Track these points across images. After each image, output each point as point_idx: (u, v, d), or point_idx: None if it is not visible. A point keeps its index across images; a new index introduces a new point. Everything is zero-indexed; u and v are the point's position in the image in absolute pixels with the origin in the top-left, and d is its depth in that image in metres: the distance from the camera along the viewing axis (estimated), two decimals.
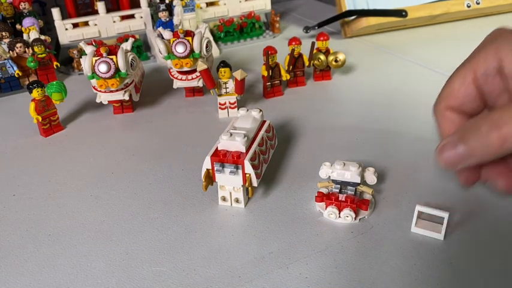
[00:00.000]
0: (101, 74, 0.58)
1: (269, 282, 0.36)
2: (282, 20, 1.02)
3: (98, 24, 0.84)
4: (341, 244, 0.40)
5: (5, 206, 0.47)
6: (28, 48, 0.73)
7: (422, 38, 0.88)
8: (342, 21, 0.91)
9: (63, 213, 0.46)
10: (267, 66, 0.65)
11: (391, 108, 0.63)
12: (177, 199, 0.47)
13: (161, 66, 0.82)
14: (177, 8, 0.81)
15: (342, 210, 0.42)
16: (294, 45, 0.67)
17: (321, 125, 0.60)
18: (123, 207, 0.46)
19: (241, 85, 0.61)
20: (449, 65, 0.74)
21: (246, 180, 0.43)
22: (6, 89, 0.74)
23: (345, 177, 0.42)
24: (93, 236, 0.42)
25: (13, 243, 0.42)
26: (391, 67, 0.77)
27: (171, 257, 0.39)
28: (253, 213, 0.44)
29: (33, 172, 0.53)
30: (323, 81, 0.72)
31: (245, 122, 0.47)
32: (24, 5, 0.81)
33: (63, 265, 0.39)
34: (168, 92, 0.71)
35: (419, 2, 0.90)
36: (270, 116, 0.61)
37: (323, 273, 0.37)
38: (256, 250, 0.39)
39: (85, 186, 0.50)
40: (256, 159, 0.44)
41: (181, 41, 0.62)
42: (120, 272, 0.38)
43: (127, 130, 0.62)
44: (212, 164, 0.43)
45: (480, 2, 0.93)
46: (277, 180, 0.49)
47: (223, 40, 0.91)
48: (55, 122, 0.62)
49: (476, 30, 0.90)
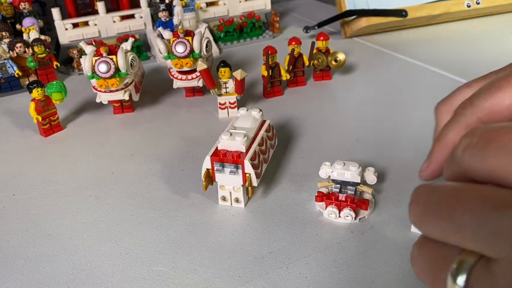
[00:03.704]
0: (101, 74, 0.58)
1: (269, 282, 0.36)
2: (282, 20, 1.02)
3: (98, 24, 0.84)
4: (341, 244, 0.40)
5: (5, 206, 0.48)
6: (28, 48, 0.73)
7: (422, 38, 0.88)
8: (342, 21, 0.91)
9: (63, 213, 0.46)
10: (267, 66, 0.65)
11: (391, 108, 0.63)
12: (177, 199, 0.47)
13: (161, 66, 0.82)
14: (177, 8, 0.81)
15: (342, 210, 0.42)
16: (294, 45, 0.67)
17: (321, 125, 0.60)
18: (123, 207, 0.46)
19: (241, 85, 0.61)
20: (449, 65, 0.74)
21: (246, 179, 0.43)
22: (6, 89, 0.74)
23: (345, 177, 0.42)
24: (93, 236, 0.42)
25: (13, 243, 0.42)
26: (391, 67, 0.77)
27: (171, 256, 0.39)
28: (253, 213, 0.44)
29: (33, 172, 0.53)
30: (323, 81, 0.72)
31: (245, 121, 0.47)
32: (24, 5, 0.81)
33: (63, 265, 0.39)
34: (168, 92, 0.71)
35: (419, 2, 0.90)
36: (270, 116, 0.61)
37: (323, 272, 0.37)
38: (256, 250, 0.39)
39: (85, 186, 0.50)
40: (256, 159, 0.44)
41: (181, 40, 0.62)
42: (120, 272, 0.38)
43: (127, 130, 0.62)
44: (212, 164, 0.43)
45: (480, 2, 0.93)
46: (277, 180, 0.49)
47: (223, 40, 0.91)
48: (55, 122, 0.62)
49: (476, 30, 0.90)
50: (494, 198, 0.17)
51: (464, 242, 0.17)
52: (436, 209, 0.18)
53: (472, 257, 0.17)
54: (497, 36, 0.86)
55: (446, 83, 0.68)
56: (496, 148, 0.18)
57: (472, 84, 0.28)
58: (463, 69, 0.72)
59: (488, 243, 0.16)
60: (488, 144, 0.18)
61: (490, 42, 0.84)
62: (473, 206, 0.17)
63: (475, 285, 0.17)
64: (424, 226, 0.19)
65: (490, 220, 0.16)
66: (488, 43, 0.83)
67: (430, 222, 0.19)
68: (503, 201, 0.16)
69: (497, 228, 0.16)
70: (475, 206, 0.17)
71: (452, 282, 0.18)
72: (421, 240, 0.20)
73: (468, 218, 0.17)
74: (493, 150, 0.18)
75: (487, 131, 0.19)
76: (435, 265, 0.19)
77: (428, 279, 0.19)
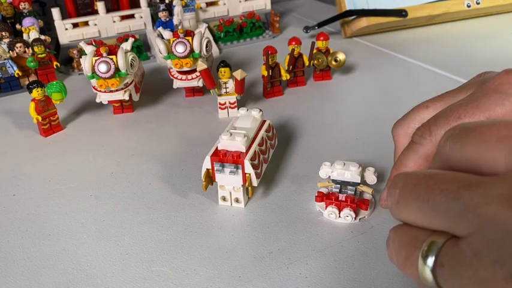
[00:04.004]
0: (100, 74, 0.58)
1: (269, 282, 0.36)
2: (282, 20, 1.02)
3: (98, 24, 0.84)
4: (341, 244, 0.40)
5: (5, 206, 0.47)
6: (28, 48, 0.73)
7: (422, 38, 0.88)
8: (342, 21, 0.91)
9: (63, 213, 0.46)
10: (267, 66, 0.65)
11: (391, 108, 0.63)
12: (177, 199, 0.47)
13: (161, 66, 0.82)
14: (177, 8, 0.81)
15: (342, 210, 0.42)
16: (294, 45, 0.67)
17: (321, 125, 0.60)
18: (123, 207, 0.46)
19: (241, 85, 0.61)
20: (449, 65, 0.74)
21: (246, 180, 0.43)
22: (6, 89, 0.74)
23: (345, 177, 0.42)
24: (93, 236, 0.42)
25: (13, 243, 0.42)
26: (391, 67, 0.77)
27: (171, 257, 0.39)
28: (253, 213, 0.44)
29: (33, 172, 0.53)
30: (323, 81, 0.72)
31: (245, 121, 0.47)
32: (24, 5, 0.81)
33: (63, 265, 0.39)
34: (168, 92, 0.71)
35: (419, 2, 0.90)
36: (270, 116, 0.61)
37: (323, 273, 0.37)
38: (256, 250, 0.39)
39: (85, 186, 0.50)
40: (256, 159, 0.44)
41: (181, 41, 0.62)
42: (120, 272, 0.38)
43: (127, 130, 0.62)
44: (212, 164, 0.43)
45: (480, 2, 0.93)
46: (277, 180, 0.49)
47: (223, 40, 0.91)
48: (55, 122, 0.62)
49: (476, 30, 0.90)
50: (467, 179, 0.18)
51: (437, 221, 0.19)
52: (413, 190, 0.20)
53: (442, 237, 0.19)
54: (497, 36, 0.86)
55: (446, 83, 0.68)
56: (474, 136, 0.19)
57: (428, 104, 0.29)
58: (463, 69, 0.72)
59: (460, 220, 0.18)
60: (468, 134, 0.20)
61: (490, 42, 0.84)
62: (447, 186, 0.18)
63: (444, 262, 0.18)
64: (401, 209, 0.20)
65: (462, 198, 0.18)
66: (488, 43, 0.83)
67: (407, 203, 0.20)
68: (475, 181, 0.18)
69: (468, 205, 0.17)
70: (449, 186, 0.18)
71: (422, 262, 0.19)
72: (397, 225, 0.22)
73: (442, 197, 0.18)
74: (471, 138, 0.19)
75: (469, 123, 0.20)
76: (408, 245, 0.20)
77: (400, 259, 0.20)
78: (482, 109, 0.24)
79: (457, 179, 0.18)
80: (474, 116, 0.24)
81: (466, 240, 0.17)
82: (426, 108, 0.29)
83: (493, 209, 0.16)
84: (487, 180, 0.18)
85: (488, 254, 0.16)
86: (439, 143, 0.22)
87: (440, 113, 0.26)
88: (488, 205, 0.17)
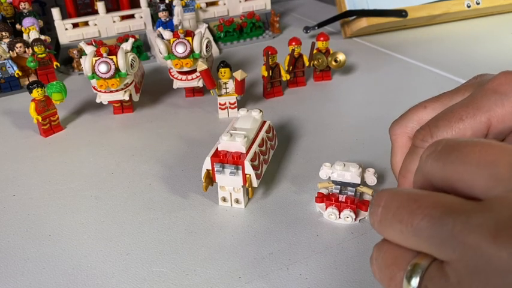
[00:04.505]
0: (101, 74, 0.58)
1: (269, 283, 0.36)
2: (282, 20, 1.02)
3: (98, 24, 0.84)
4: (341, 245, 0.40)
5: (5, 206, 0.48)
6: (28, 48, 0.73)
7: (423, 38, 0.88)
8: (342, 21, 0.91)
9: (63, 213, 0.46)
10: (267, 66, 0.65)
11: (391, 109, 0.63)
12: (177, 199, 0.47)
13: (161, 66, 0.82)
14: (177, 8, 0.81)
15: (342, 211, 0.42)
16: (294, 46, 0.67)
17: (320, 126, 0.60)
18: (123, 207, 0.46)
19: (241, 85, 0.61)
20: (449, 65, 0.74)
21: (246, 180, 0.43)
22: (6, 89, 0.74)
23: (345, 178, 0.42)
24: (93, 236, 0.42)
25: (13, 243, 0.42)
26: (391, 67, 0.77)
27: (171, 257, 0.39)
28: (254, 213, 0.44)
29: (33, 172, 0.53)
30: (323, 81, 0.72)
31: (245, 122, 0.47)
32: (24, 5, 0.81)
33: (63, 265, 0.39)
34: (168, 92, 0.71)
35: (419, 2, 0.90)
36: (270, 116, 0.61)
37: (323, 274, 0.37)
38: (256, 251, 0.39)
39: (85, 186, 0.50)
40: (256, 160, 0.44)
41: (181, 41, 0.62)
42: (120, 272, 0.38)
43: (127, 130, 0.62)
44: (212, 165, 0.43)
45: (480, 2, 0.93)
46: (277, 181, 0.49)
47: (223, 40, 0.91)
48: (55, 122, 0.62)
49: (476, 30, 0.90)
50: (450, 204, 0.18)
51: (421, 245, 0.18)
52: (396, 212, 0.19)
53: (426, 260, 0.18)
54: (497, 36, 0.86)
55: (446, 84, 0.68)
56: (456, 157, 0.19)
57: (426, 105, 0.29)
58: (463, 69, 0.72)
59: (443, 246, 0.17)
60: (450, 153, 0.19)
61: (490, 42, 0.84)
62: (430, 211, 0.18)
63: (429, 286, 0.18)
64: (384, 228, 0.20)
65: (445, 225, 0.17)
66: (488, 43, 0.83)
67: (390, 225, 0.20)
68: (457, 208, 0.18)
69: (451, 232, 0.17)
70: (432, 211, 0.18)
71: (407, 283, 0.19)
72: (381, 242, 0.21)
73: (426, 223, 0.18)
74: (453, 158, 0.19)
75: (451, 141, 0.20)
76: (392, 266, 0.20)
77: (385, 278, 0.20)
78: (483, 110, 0.24)
79: (440, 203, 0.18)
80: (475, 117, 0.24)
81: (451, 267, 0.17)
82: (424, 108, 0.29)
83: (474, 239, 0.16)
84: (470, 207, 0.17)
85: (471, 284, 0.17)
86: (421, 157, 0.21)
87: (440, 115, 0.25)
88: (470, 234, 0.17)
